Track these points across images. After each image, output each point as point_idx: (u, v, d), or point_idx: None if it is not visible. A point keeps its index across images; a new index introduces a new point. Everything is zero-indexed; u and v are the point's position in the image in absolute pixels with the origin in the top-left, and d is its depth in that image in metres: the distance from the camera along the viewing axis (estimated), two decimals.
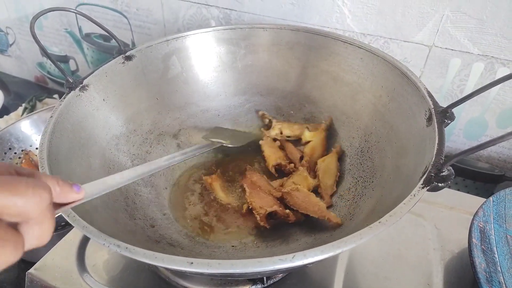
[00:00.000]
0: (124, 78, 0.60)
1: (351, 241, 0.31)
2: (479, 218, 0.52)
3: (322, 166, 0.58)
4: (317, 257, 0.31)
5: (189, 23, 0.84)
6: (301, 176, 0.57)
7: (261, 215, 0.50)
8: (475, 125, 0.71)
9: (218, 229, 0.54)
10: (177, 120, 0.66)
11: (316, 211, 0.50)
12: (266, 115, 0.68)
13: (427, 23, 0.64)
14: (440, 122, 0.42)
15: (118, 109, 0.59)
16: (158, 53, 0.63)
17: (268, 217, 0.52)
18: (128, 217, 0.49)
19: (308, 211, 0.50)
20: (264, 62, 0.67)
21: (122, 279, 0.50)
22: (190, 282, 0.49)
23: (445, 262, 0.54)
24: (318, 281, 0.51)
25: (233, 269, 0.30)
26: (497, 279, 0.47)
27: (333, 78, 0.62)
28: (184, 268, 0.30)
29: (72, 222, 0.35)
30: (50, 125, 0.47)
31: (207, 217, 0.56)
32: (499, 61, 0.63)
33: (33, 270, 0.51)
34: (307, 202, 0.51)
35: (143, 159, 0.60)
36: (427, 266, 0.53)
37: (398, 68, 0.52)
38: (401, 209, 0.34)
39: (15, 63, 1.25)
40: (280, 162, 0.61)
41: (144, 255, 0.31)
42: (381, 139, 0.53)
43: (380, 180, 0.50)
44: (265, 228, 0.51)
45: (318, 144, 0.62)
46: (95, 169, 0.51)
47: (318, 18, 0.71)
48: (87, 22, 1.00)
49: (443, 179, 0.36)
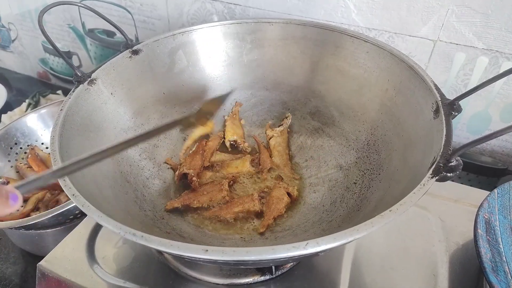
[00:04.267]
0: (131, 72, 0.60)
1: (363, 229, 0.32)
2: (484, 210, 0.53)
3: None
4: (330, 245, 0.31)
5: (193, 18, 0.85)
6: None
7: (179, 172, 0.59)
8: (479, 119, 0.72)
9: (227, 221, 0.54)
10: (183, 114, 0.66)
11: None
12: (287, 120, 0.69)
13: (432, 18, 0.64)
14: (447, 114, 0.43)
15: (125, 103, 0.59)
16: (164, 47, 0.64)
17: (182, 177, 0.59)
18: (138, 209, 0.49)
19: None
20: (270, 57, 0.67)
21: (132, 271, 0.51)
22: (200, 273, 0.50)
23: (450, 253, 0.54)
24: (325, 272, 0.51)
25: (248, 256, 0.30)
26: (502, 269, 0.47)
27: (339, 72, 0.62)
28: (199, 255, 0.31)
29: (87, 212, 0.35)
30: (61, 118, 0.47)
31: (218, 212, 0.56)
32: (504, 55, 0.63)
33: (43, 262, 0.52)
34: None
35: (150, 153, 0.61)
36: (432, 257, 0.54)
37: (404, 62, 0.52)
38: (411, 198, 0.35)
39: (17, 59, 1.25)
40: (236, 139, 0.66)
41: (160, 243, 0.32)
42: (388, 132, 0.54)
43: (387, 172, 0.50)
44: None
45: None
46: (104, 162, 0.51)
47: (323, 12, 0.72)
48: (90, 17, 1.00)
49: (452, 169, 0.37)
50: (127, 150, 0.57)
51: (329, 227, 0.50)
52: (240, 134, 0.67)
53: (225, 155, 0.65)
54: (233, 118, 0.69)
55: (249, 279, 0.49)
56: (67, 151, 0.45)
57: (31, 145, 0.80)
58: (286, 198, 0.55)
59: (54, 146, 0.43)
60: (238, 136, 0.67)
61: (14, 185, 0.32)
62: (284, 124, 0.67)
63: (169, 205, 0.54)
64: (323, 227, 0.50)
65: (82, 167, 0.38)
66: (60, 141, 0.45)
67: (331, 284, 0.50)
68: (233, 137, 0.66)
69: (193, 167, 0.60)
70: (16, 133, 0.79)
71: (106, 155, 0.39)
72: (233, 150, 0.67)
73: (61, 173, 0.37)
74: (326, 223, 0.51)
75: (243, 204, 0.54)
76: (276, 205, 0.54)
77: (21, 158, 0.79)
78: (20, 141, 0.80)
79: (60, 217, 0.60)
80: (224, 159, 0.64)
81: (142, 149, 0.60)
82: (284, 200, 0.55)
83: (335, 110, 0.63)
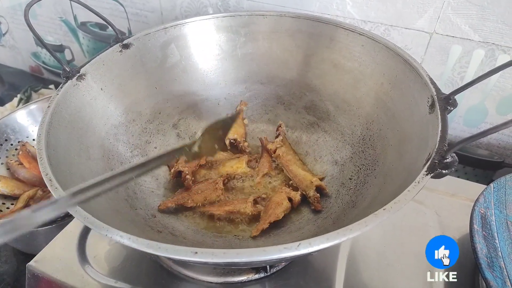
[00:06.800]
0: (121, 67, 0.59)
1: (356, 228, 0.31)
2: (480, 204, 0.52)
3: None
4: (323, 245, 0.30)
5: (186, 10, 0.83)
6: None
7: (175, 170, 0.57)
8: (475, 112, 0.71)
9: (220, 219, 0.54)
10: (176, 110, 0.65)
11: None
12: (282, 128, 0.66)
13: (428, 10, 0.63)
14: (443, 109, 0.42)
15: (116, 99, 0.58)
16: (156, 41, 0.62)
17: (177, 174, 0.58)
18: (129, 207, 0.48)
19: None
20: (264, 50, 0.66)
21: (124, 270, 0.50)
22: (193, 272, 0.49)
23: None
24: (321, 269, 0.51)
25: (239, 258, 0.30)
26: (498, 264, 0.47)
27: (334, 66, 0.61)
28: (189, 258, 0.30)
29: (73, 213, 0.34)
30: (48, 115, 0.46)
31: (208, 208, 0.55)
32: (500, 48, 0.62)
33: (33, 262, 0.51)
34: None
35: (142, 149, 0.60)
36: None
37: (400, 55, 0.51)
38: (405, 196, 0.34)
39: (9, 53, 1.23)
40: (236, 138, 0.64)
41: (148, 246, 0.31)
42: (383, 127, 0.53)
43: (382, 168, 0.49)
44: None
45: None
46: (94, 160, 0.51)
47: (318, 5, 0.70)
48: (82, 10, 0.98)
49: (447, 166, 0.36)
50: (118, 147, 0.56)
51: (323, 223, 0.49)
52: (241, 133, 0.66)
53: (223, 154, 0.64)
54: (237, 117, 0.67)
55: (243, 278, 0.49)
56: (55, 148, 0.44)
57: (22, 141, 0.79)
58: (286, 203, 0.53)
59: (41, 145, 0.42)
60: (239, 135, 0.65)
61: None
62: (280, 132, 0.65)
63: (162, 205, 0.53)
64: (318, 224, 0.49)
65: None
66: (47, 139, 0.44)
67: (327, 280, 0.50)
68: (233, 136, 0.64)
69: (190, 164, 0.59)
70: (6, 130, 0.78)
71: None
72: (232, 149, 0.65)
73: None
74: (321, 220, 0.51)
75: (234, 204, 0.53)
76: (274, 209, 0.51)
77: (12, 155, 0.77)
78: (11, 138, 0.79)
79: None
80: (221, 157, 0.63)
81: (134, 146, 0.59)
82: (283, 205, 0.52)
83: (331, 104, 0.62)
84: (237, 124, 0.66)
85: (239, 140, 0.64)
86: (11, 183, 0.71)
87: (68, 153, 0.47)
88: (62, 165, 0.43)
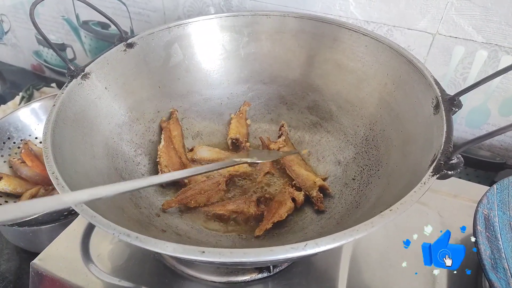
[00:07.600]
0: (125, 66, 0.59)
1: (363, 229, 0.31)
2: (484, 206, 0.52)
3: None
4: (329, 245, 0.31)
5: (189, 10, 0.83)
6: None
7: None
8: (477, 113, 0.71)
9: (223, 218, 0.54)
10: (179, 109, 0.65)
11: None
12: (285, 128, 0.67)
13: (431, 11, 0.63)
14: (447, 110, 0.42)
15: (120, 98, 0.58)
16: (160, 40, 0.62)
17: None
18: (134, 206, 0.48)
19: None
20: (267, 50, 0.66)
21: (127, 268, 0.50)
22: (197, 271, 0.49)
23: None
24: (323, 269, 0.51)
25: (246, 258, 0.30)
26: (501, 266, 0.47)
27: (337, 66, 0.61)
28: (196, 257, 0.30)
29: (80, 211, 0.34)
30: (53, 114, 0.46)
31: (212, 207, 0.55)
32: (503, 49, 0.63)
33: (37, 260, 0.51)
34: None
35: (146, 148, 0.60)
36: None
37: (403, 56, 0.51)
38: (411, 197, 0.34)
39: (11, 51, 1.23)
40: (238, 138, 0.64)
41: (155, 245, 0.31)
42: (387, 128, 0.53)
43: (386, 169, 0.49)
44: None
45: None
46: (99, 158, 0.51)
47: (321, 5, 0.70)
48: (84, 9, 0.98)
49: (453, 167, 0.36)
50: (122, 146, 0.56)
51: (327, 224, 0.49)
52: (243, 133, 0.66)
53: (224, 153, 0.64)
54: (239, 117, 0.67)
55: (247, 277, 0.49)
56: (60, 147, 0.44)
57: (25, 139, 0.79)
58: (289, 203, 0.53)
59: (47, 143, 0.42)
60: (241, 135, 0.65)
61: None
62: (283, 132, 0.65)
63: (166, 205, 0.53)
64: (321, 224, 0.50)
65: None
66: (53, 138, 0.44)
67: (330, 281, 0.50)
68: (235, 135, 0.64)
69: (171, 166, 0.58)
70: (9, 128, 0.78)
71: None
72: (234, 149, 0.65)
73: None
74: (325, 220, 0.51)
75: (238, 204, 0.53)
76: (278, 210, 0.51)
77: (15, 153, 0.77)
78: (13, 136, 0.79)
79: (54, 214, 0.60)
80: (222, 157, 0.63)
81: (138, 145, 0.59)
82: (286, 205, 0.52)
83: (334, 105, 0.62)
84: (239, 124, 0.66)
85: (241, 140, 0.64)
86: (14, 181, 0.71)
87: (73, 151, 0.47)
88: (68, 164, 0.43)
